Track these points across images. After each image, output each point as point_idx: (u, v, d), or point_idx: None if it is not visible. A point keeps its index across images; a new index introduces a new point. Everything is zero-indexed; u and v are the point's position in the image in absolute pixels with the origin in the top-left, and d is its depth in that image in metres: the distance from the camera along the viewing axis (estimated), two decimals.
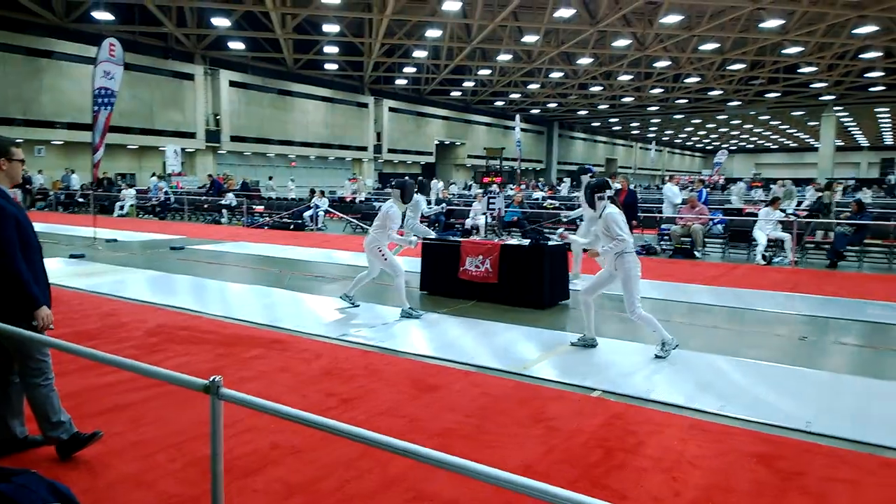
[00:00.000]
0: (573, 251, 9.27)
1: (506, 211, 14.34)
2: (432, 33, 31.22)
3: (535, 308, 7.75)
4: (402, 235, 7.96)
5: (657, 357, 5.66)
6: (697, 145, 75.13)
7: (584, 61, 35.73)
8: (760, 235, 12.00)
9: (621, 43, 32.46)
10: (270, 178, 29.89)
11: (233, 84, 33.60)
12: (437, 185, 34.75)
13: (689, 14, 29.12)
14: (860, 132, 57.15)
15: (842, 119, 47.25)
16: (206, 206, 21.24)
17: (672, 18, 28.76)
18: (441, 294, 8.54)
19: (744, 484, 3.43)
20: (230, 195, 21.03)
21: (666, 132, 62.15)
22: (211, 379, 2.19)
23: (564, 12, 27.99)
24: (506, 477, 1.75)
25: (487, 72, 38.90)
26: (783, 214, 12.82)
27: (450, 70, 38.09)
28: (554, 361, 5.68)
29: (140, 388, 4.70)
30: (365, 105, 40.40)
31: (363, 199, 23.87)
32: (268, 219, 19.09)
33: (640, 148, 66.22)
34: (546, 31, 31.99)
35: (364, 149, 40.43)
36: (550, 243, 7.94)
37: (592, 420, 4.33)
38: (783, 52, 33.27)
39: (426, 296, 8.64)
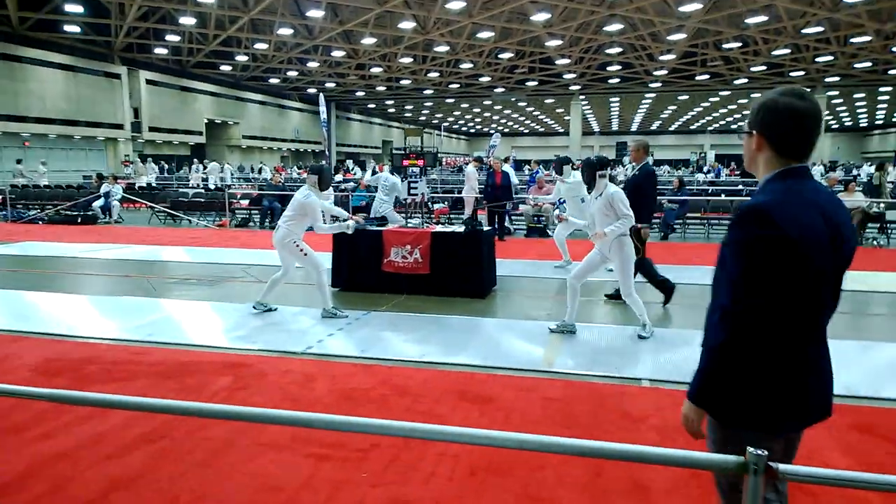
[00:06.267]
0: (556, 239, 9.13)
1: (352, 195, 13.62)
2: None
3: (474, 297, 7.39)
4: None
5: (640, 337, 5.73)
6: (463, 128, 79.31)
7: (367, 41, 35.30)
8: None
9: (406, 25, 32.69)
10: (19, 162, 24.64)
11: None
12: (216, 166, 31.92)
13: (468, 1, 30.25)
14: (594, 119, 65.38)
15: (583, 107, 53.30)
16: None
17: (455, 5, 29.67)
18: (359, 290, 7.75)
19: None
20: None
21: (436, 115, 64.51)
22: (751, 452, 1.53)
23: None
24: None
25: (263, 46, 36.49)
26: None
27: (220, 41, 35.02)
28: (568, 353, 5.43)
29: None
30: (117, 76, 35.32)
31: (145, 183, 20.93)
32: (40, 212, 15.77)
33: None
34: (330, 6, 30.98)
35: (120, 126, 35.45)
36: (485, 229, 7.62)
37: (678, 413, 4.16)
38: (546, 44, 36.33)
39: (340, 293, 7.77)
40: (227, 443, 3.65)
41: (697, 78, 41.79)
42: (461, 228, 7.53)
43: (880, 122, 64.53)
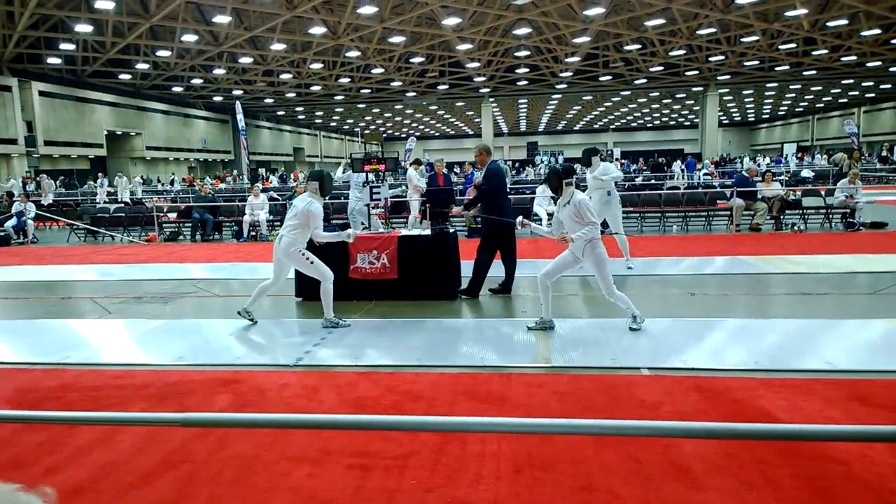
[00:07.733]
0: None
1: (289, 203, 13.28)
2: (103, 4, 26.85)
3: (444, 299, 7.40)
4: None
5: (631, 329, 5.90)
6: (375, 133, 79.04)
7: (276, 47, 34.49)
8: (541, 210, 13.28)
9: (315, 30, 32.18)
10: None
11: None
12: (123, 181, 30.39)
13: (380, 6, 30.12)
14: (504, 120, 66.84)
15: (493, 109, 54.37)
16: None
17: (366, 9, 29.48)
18: None
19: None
20: None
21: (347, 121, 63.81)
22: None
23: None
24: None
25: (166, 53, 34.91)
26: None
27: (118, 49, 33.24)
28: (560, 347, 5.52)
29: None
30: (7, 88, 32.79)
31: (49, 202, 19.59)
32: None
33: (324, 136, 66.95)
34: (236, 12, 30.10)
35: (13, 141, 32.95)
36: (452, 231, 7.65)
37: (689, 399, 4.34)
38: (456, 48, 36.73)
39: (306, 302, 7.58)
40: (254, 460, 3.50)
41: (600, 79, 43.51)
42: (427, 231, 7.53)
43: (766, 116, 69.52)
